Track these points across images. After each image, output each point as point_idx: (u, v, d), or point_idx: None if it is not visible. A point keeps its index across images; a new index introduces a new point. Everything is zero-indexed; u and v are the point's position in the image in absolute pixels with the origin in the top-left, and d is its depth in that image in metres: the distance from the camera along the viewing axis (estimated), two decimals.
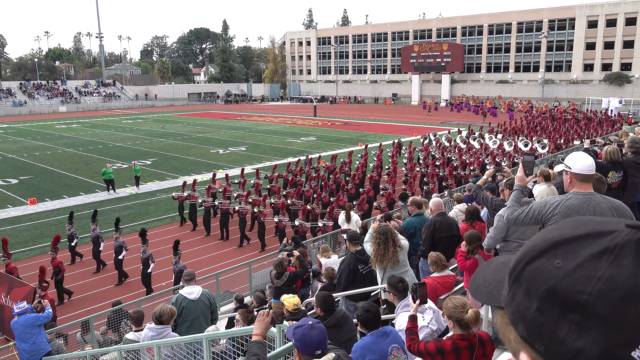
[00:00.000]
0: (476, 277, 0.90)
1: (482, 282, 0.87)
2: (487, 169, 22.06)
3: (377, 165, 23.77)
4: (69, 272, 14.81)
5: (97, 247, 14.97)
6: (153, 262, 13.43)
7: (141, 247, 13.46)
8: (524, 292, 0.70)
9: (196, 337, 5.02)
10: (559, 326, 0.65)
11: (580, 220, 0.74)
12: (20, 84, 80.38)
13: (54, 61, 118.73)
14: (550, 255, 0.70)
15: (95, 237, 14.94)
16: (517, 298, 0.72)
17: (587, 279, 0.65)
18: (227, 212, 17.67)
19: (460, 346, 3.43)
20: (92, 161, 31.60)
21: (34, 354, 7.83)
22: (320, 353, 2.93)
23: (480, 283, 0.87)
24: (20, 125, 54.35)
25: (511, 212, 4.02)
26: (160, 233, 18.25)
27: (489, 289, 0.84)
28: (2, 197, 23.12)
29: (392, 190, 18.94)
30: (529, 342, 0.69)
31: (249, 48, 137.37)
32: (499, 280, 0.82)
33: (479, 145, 28.69)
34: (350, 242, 7.00)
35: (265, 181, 21.81)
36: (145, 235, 13.66)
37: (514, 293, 0.72)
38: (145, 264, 13.35)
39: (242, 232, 17.16)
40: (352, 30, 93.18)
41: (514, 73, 72.87)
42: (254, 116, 62.71)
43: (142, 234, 13.63)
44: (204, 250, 16.77)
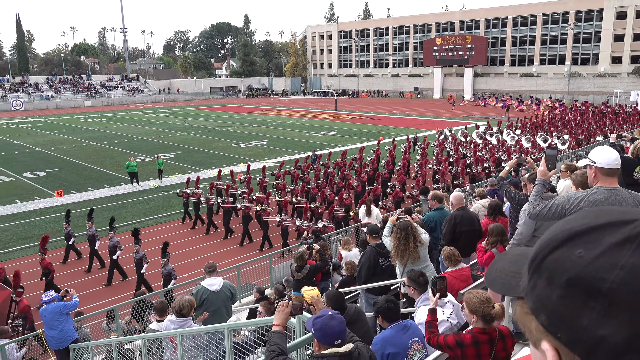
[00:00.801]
0: (492, 268, 0.90)
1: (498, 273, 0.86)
2: (503, 166, 21.63)
3: (387, 162, 23.09)
4: (62, 271, 14.48)
5: (93, 246, 14.57)
6: (147, 262, 12.94)
7: (134, 247, 12.96)
8: (545, 282, 0.70)
9: (218, 326, 5.10)
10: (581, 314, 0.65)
11: (601, 209, 0.74)
12: (47, 79, 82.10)
13: (79, 56, 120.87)
14: (572, 244, 0.70)
15: (90, 236, 14.55)
16: (538, 288, 0.71)
17: (610, 267, 0.65)
18: (229, 210, 17.18)
19: (481, 340, 3.42)
20: (117, 154, 32.16)
21: (62, 340, 8.07)
22: (339, 343, 2.97)
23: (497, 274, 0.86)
24: (47, 119, 55.56)
25: (533, 207, 3.98)
26: (164, 230, 18.03)
27: (505, 279, 0.84)
28: (31, 189, 23.72)
29: (399, 188, 18.32)
30: (551, 331, 0.69)
31: (270, 42, 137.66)
32: (516, 271, 0.82)
33: (495, 141, 27.97)
34: (370, 236, 7.01)
35: (271, 178, 21.35)
36: (138, 235, 13.16)
37: (535, 283, 0.72)
38: (139, 264, 12.88)
39: (244, 231, 16.62)
40: (374, 24, 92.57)
41: (538, 66, 71.49)
42: (275, 110, 62.91)
43: (135, 233, 13.13)
44: (205, 249, 16.24)
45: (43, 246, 12.83)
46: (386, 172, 21.94)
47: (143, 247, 13.52)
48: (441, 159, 23.35)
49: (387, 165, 22.95)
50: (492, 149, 25.42)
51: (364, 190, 19.38)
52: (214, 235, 17.50)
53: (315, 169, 22.44)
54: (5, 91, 73.59)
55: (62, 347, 8.17)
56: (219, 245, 16.69)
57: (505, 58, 74.54)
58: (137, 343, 6.59)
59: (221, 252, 15.97)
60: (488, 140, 28.49)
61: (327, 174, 21.17)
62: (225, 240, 17.08)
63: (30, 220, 19.04)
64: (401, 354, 3.88)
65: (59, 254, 15.44)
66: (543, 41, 70.56)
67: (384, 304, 4.04)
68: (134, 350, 7.13)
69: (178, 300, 6.00)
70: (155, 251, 15.11)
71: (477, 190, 11.27)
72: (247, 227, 16.60)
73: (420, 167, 21.79)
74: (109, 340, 7.22)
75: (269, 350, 3.10)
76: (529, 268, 0.74)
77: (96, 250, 14.71)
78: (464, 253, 6.76)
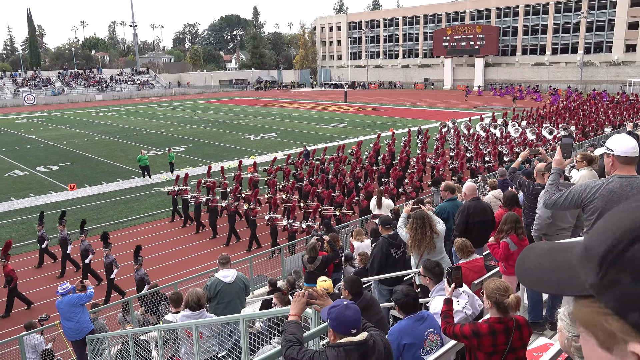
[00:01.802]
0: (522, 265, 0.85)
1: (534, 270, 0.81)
2: (504, 160, 21.03)
3: (384, 156, 22.18)
4: (34, 276, 14.12)
5: (65, 250, 13.95)
6: (117, 267, 12.37)
7: (103, 251, 12.36)
8: (630, 277, 0.64)
9: (233, 317, 5.14)
10: None
11: None
12: (58, 73, 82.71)
13: (90, 50, 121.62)
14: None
15: (62, 239, 13.90)
16: (623, 284, 0.65)
17: None
18: (215, 209, 16.56)
19: (497, 329, 3.41)
20: (128, 148, 32.38)
21: (78, 331, 8.19)
22: (354, 332, 2.98)
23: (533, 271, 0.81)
24: (59, 114, 56.03)
25: (549, 196, 3.95)
26: (156, 227, 17.75)
27: (546, 276, 0.78)
28: (44, 183, 23.99)
29: (394, 185, 17.49)
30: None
31: (279, 34, 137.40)
32: (558, 266, 0.77)
33: (499, 134, 27.06)
34: (382, 227, 6.99)
35: (263, 174, 20.52)
36: (107, 239, 12.57)
37: (615, 278, 0.66)
38: (109, 269, 12.26)
39: (230, 230, 16.00)
40: (383, 14, 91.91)
41: (550, 55, 70.59)
42: (284, 102, 62.87)
43: (104, 237, 12.55)
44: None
45: (5, 252, 12.19)
46: (382, 166, 21.14)
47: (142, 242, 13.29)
48: (441, 153, 22.57)
49: (383, 160, 22.01)
50: (494, 142, 24.61)
51: (357, 186, 18.56)
52: (204, 235, 16.98)
53: (309, 165, 21.50)
54: (17, 86, 74.28)
55: (78, 338, 8.29)
56: (208, 245, 16.13)
57: (517, 47, 73.70)
58: (153, 334, 6.66)
59: (207, 253, 15.34)
60: (492, 133, 27.65)
61: (321, 169, 20.35)
62: (214, 239, 16.47)
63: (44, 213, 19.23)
64: (417, 345, 3.89)
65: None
66: (555, 30, 69.62)
67: (404, 298, 4.04)
68: (150, 342, 7.21)
69: (190, 293, 6.05)
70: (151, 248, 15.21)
71: (489, 181, 11.21)
72: (233, 226, 15.98)
73: (417, 162, 20.89)
74: (125, 331, 7.32)
75: (286, 339, 3.12)
76: (601, 262, 0.68)
77: (68, 254, 14.06)
78: (477, 244, 6.74)
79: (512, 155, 21.52)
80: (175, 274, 13.51)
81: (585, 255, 0.71)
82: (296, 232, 14.79)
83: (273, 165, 20.70)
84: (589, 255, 0.70)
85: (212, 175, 19.88)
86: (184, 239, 16.69)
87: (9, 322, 11.57)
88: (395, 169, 19.79)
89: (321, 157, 22.64)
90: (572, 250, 0.78)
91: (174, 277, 12.98)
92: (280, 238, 15.54)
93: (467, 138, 26.12)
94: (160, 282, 12.33)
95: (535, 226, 5.45)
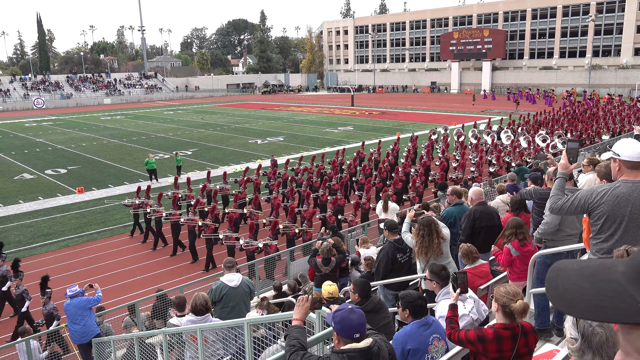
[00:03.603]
0: (556, 289, 0.77)
1: (577, 296, 0.73)
2: (491, 170, 20.08)
3: (364, 167, 21.01)
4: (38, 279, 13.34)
5: None
6: (29, 299, 11.10)
7: (13, 281, 11.33)
8: None
9: (237, 321, 5.14)
10: None
11: None
12: (67, 77, 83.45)
13: (98, 54, 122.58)
14: None
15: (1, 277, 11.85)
16: None
17: None
18: (177, 224, 15.25)
19: (503, 335, 3.38)
20: (136, 151, 32.54)
21: (84, 335, 8.21)
22: (358, 336, 2.97)
23: (576, 297, 0.73)
24: (67, 117, 56.45)
25: (555, 201, 3.92)
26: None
27: (599, 302, 0.70)
28: (52, 186, 24.16)
29: (365, 199, 16.39)
30: None
31: (286, 38, 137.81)
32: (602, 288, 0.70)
33: (490, 141, 25.65)
34: (389, 231, 6.97)
35: (235, 186, 19.56)
36: (18, 267, 11.53)
37: None
38: (20, 301, 11.05)
39: (190, 246, 14.95)
40: (390, 18, 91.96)
41: (558, 59, 70.27)
42: (291, 106, 62.98)
43: (15, 265, 11.55)
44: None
45: None
46: (362, 177, 19.71)
47: None
48: (422, 163, 20.74)
49: (363, 170, 20.62)
50: (481, 151, 22.66)
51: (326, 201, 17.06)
52: (164, 251, 15.83)
53: (283, 177, 20.07)
54: (27, 90, 74.95)
55: (84, 341, 8.31)
56: (168, 262, 15.02)
57: (524, 51, 73.44)
58: (159, 337, 6.67)
59: (166, 271, 14.36)
60: (484, 140, 26.38)
61: (295, 180, 19.18)
62: (175, 256, 15.33)
63: (52, 216, 19.40)
64: (422, 350, 3.87)
65: (60, 255, 15.67)
66: (563, 33, 69.31)
67: (418, 301, 4.02)
68: (155, 345, 7.22)
69: (194, 298, 6.05)
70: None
71: (497, 186, 11.16)
72: (193, 242, 14.90)
73: (396, 173, 19.26)
74: (130, 335, 7.33)
75: (289, 344, 3.12)
76: None
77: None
78: (483, 249, 6.70)
79: (498, 166, 20.44)
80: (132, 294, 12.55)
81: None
82: (254, 252, 13.33)
83: (244, 176, 19.62)
84: None
85: (213, 180, 19.62)
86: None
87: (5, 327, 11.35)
88: (369, 180, 18.49)
89: (295, 167, 21.20)
90: (613, 270, 0.71)
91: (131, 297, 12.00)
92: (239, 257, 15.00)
93: (456, 146, 24.95)
94: (117, 302, 11.61)
95: (540, 230, 5.41)
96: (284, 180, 19.85)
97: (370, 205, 16.28)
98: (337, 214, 15.65)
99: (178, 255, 15.39)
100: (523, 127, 30.09)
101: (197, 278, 12.72)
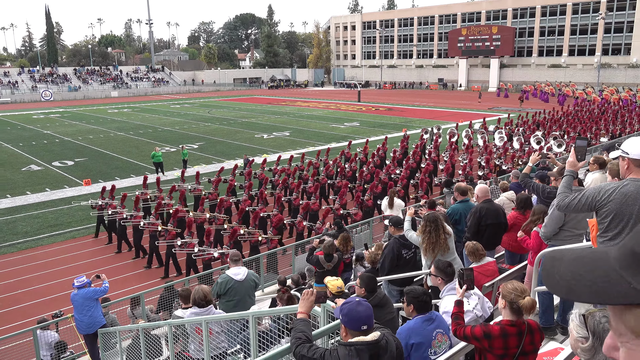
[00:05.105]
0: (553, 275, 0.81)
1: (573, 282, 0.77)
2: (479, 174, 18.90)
3: (341, 169, 19.66)
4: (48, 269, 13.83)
5: None
6: None
7: None
8: None
9: (242, 314, 5.17)
10: None
11: None
12: (75, 70, 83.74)
13: (106, 47, 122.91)
14: None
15: None
16: None
17: None
18: (139, 227, 14.31)
19: (509, 332, 3.39)
20: (142, 144, 32.66)
21: (90, 325, 8.27)
22: (366, 328, 2.98)
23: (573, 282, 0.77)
24: (75, 110, 56.69)
25: (562, 199, 3.91)
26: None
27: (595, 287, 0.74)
28: (60, 178, 24.30)
29: (339, 204, 15.39)
30: None
31: (293, 33, 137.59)
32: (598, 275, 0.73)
33: (482, 142, 24.80)
34: (394, 228, 6.97)
35: (208, 186, 18.88)
36: None
37: None
38: None
39: (150, 251, 14.24)
40: (398, 14, 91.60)
41: (567, 57, 69.80)
42: (298, 101, 62.93)
43: None
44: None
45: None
46: (340, 180, 18.39)
47: None
48: (406, 166, 19.65)
49: (341, 172, 19.47)
50: (471, 153, 21.72)
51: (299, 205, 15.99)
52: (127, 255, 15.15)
53: (259, 177, 18.96)
54: (35, 82, 75.29)
55: (90, 332, 8.37)
56: (130, 267, 14.28)
57: (533, 49, 72.99)
58: (164, 329, 6.72)
59: (125, 277, 13.57)
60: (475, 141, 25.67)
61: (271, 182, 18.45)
62: (138, 259, 14.73)
63: (59, 208, 19.52)
64: (425, 345, 3.88)
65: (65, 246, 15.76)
66: (572, 31, 68.81)
67: (423, 297, 4.04)
68: (160, 337, 7.28)
69: (196, 291, 6.08)
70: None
71: (500, 183, 11.13)
72: (153, 247, 14.03)
73: (377, 176, 17.96)
74: (136, 326, 7.38)
75: (295, 337, 3.13)
76: None
77: None
78: (488, 246, 6.69)
79: (487, 169, 19.22)
80: None
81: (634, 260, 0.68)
82: (211, 261, 12.45)
83: (219, 176, 18.83)
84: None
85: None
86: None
87: (20, 315, 11.60)
88: (345, 184, 17.43)
89: (273, 167, 20.41)
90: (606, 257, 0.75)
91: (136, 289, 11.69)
92: (288, 238, 15.51)
93: (447, 147, 23.81)
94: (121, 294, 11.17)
95: (541, 234, 5.43)
96: (260, 181, 18.45)
97: (371, 203, 15.89)
98: (313, 219, 14.77)
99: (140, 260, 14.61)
100: (519, 128, 28.94)
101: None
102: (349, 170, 19.91)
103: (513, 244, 6.96)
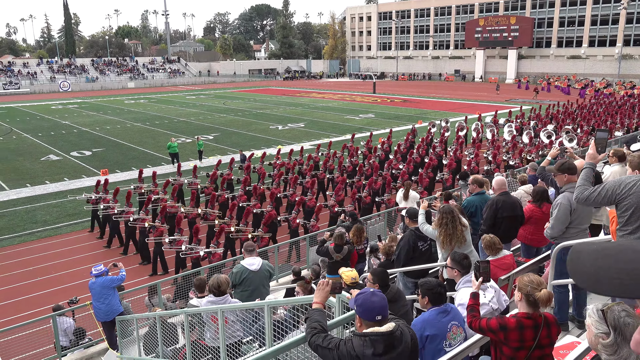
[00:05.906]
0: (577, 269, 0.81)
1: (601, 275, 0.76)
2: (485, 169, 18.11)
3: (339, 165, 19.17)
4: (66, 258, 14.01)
5: None
6: None
7: None
8: None
9: (258, 303, 5.21)
10: None
11: None
12: (92, 61, 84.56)
13: (123, 39, 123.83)
14: None
15: None
16: None
17: None
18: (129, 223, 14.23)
19: (525, 324, 3.36)
20: (158, 135, 32.93)
21: (108, 313, 8.42)
22: (380, 319, 2.99)
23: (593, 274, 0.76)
24: (92, 100, 57.31)
25: (581, 192, 3.86)
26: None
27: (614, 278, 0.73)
28: (77, 167, 24.64)
29: (334, 201, 14.86)
30: None
31: (309, 24, 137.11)
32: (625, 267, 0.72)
33: (490, 136, 24.10)
34: (410, 220, 6.95)
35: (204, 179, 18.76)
36: None
37: None
38: None
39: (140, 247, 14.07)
40: (414, 5, 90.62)
41: (587, 48, 68.49)
42: (312, 93, 62.82)
43: None
44: None
45: None
46: (338, 175, 18.13)
47: None
48: (414, 159, 19.12)
49: (340, 167, 19.12)
50: (478, 147, 21.01)
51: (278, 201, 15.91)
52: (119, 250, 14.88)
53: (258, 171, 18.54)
54: (53, 73, 76.21)
55: (108, 319, 8.52)
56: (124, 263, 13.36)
57: (552, 39, 71.74)
58: (180, 317, 6.80)
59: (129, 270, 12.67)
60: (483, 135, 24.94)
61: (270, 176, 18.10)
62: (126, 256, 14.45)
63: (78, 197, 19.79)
64: (440, 337, 3.88)
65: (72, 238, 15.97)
66: (593, 22, 67.45)
67: (437, 288, 4.03)
68: (177, 325, 7.38)
69: (215, 278, 6.14)
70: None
71: (519, 176, 11.00)
72: (143, 243, 13.87)
73: (375, 171, 17.59)
74: (153, 314, 7.49)
75: (310, 327, 3.15)
76: None
77: None
78: (505, 239, 6.63)
79: (494, 164, 18.34)
80: None
81: None
82: (199, 259, 12.11)
83: (217, 168, 18.61)
84: None
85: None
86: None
87: (36, 304, 11.72)
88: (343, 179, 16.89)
89: (273, 161, 19.94)
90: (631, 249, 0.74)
91: None
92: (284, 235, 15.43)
93: (453, 141, 23.10)
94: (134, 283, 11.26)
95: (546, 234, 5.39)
96: (259, 176, 18.04)
97: (369, 200, 15.46)
98: (309, 216, 14.38)
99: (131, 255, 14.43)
100: (532, 121, 28.21)
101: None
102: (349, 165, 19.30)
103: (529, 236, 6.89)
